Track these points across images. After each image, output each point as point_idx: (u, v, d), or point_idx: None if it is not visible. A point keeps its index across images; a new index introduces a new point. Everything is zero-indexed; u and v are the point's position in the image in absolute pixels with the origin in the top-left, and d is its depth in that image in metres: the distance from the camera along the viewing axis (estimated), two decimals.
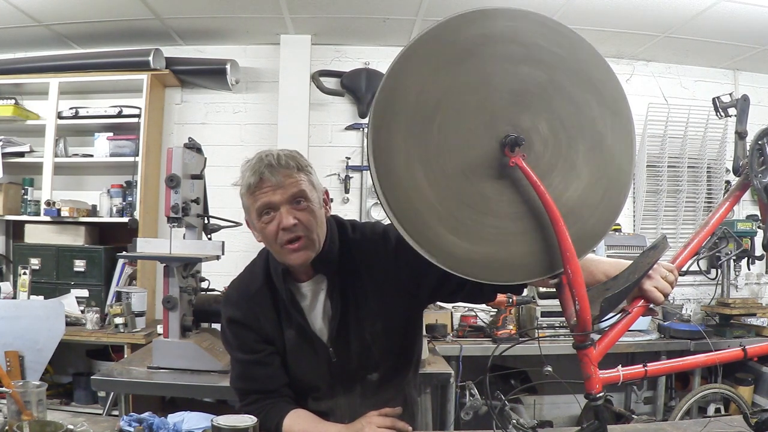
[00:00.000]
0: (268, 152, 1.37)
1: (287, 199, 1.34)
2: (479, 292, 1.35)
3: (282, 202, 1.34)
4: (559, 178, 1.10)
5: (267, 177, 1.32)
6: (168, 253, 2.36)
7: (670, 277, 1.24)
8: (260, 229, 1.38)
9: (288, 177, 1.34)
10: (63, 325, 2.73)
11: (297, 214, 1.34)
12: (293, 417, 1.42)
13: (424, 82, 1.04)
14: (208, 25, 3.69)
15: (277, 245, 1.37)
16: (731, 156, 1.47)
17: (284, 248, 1.36)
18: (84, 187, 3.94)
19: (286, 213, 1.33)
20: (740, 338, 3.42)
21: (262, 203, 1.34)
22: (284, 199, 1.34)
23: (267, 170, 1.32)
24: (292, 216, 1.33)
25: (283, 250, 1.37)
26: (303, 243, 1.36)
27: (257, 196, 1.34)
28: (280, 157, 1.35)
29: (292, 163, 1.35)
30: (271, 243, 1.38)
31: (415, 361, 1.59)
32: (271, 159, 1.34)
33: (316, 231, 1.37)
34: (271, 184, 1.33)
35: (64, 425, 1.30)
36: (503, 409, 1.21)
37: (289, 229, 1.33)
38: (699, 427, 1.52)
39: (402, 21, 3.60)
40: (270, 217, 1.35)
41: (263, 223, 1.36)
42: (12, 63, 3.80)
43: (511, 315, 3.33)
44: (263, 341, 1.48)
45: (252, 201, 1.36)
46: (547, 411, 3.94)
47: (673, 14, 3.37)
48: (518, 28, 1.08)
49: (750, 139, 1.35)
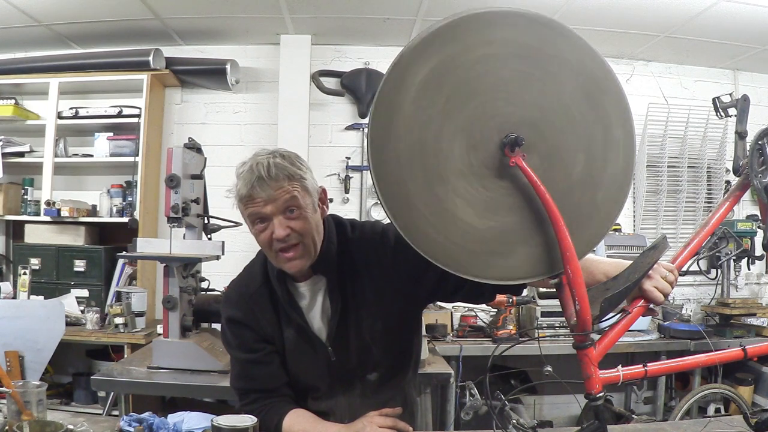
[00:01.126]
0: (259, 160, 1.34)
1: (279, 209, 1.33)
2: (478, 291, 1.35)
3: (274, 213, 1.33)
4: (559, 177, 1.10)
5: (257, 193, 1.32)
6: (168, 253, 2.36)
7: (670, 277, 1.24)
8: (255, 236, 1.38)
9: (278, 189, 1.32)
10: (63, 325, 2.73)
11: (290, 223, 1.34)
12: (293, 417, 1.42)
13: (424, 83, 1.04)
14: (208, 25, 3.69)
15: (272, 252, 1.38)
16: (731, 156, 1.47)
17: (279, 257, 1.37)
18: (84, 187, 3.94)
19: (278, 224, 1.33)
20: (740, 338, 3.43)
21: (252, 213, 1.34)
22: (276, 210, 1.33)
23: (258, 184, 1.31)
24: (284, 227, 1.33)
25: (278, 258, 1.38)
26: (299, 251, 1.36)
27: (249, 206, 1.34)
28: (271, 167, 1.32)
29: (282, 174, 1.33)
30: (267, 250, 1.39)
31: (415, 361, 1.59)
32: (261, 170, 1.31)
33: (311, 236, 1.37)
34: (261, 198, 1.32)
35: (64, 425, 1.30)
36: (503, 409, 1.21)
37: (281, 239, 1.34)
38: (699, 427, 1.52)
39: (402, 21, 3.60)
40: (263, 226, 1.35)
41: (257, 231, 1.36)
42: (12, 63, 3.80)
43: (511, 315, 3.33)
44: (263, 341, 1.48)
45: (244, 210, 1.36)
46: (547, 411, 3.94)
47: (673, 14, 3.37)
48: (518, 29, 1.08)
49: (750, 139, 1.35)
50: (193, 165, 2.41)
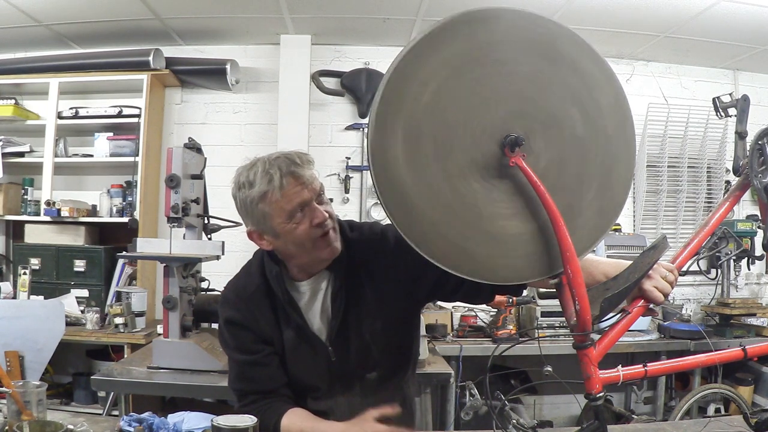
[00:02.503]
0: (278, 155, 1.35)
1: (315, 195, 1.35)
2: (477, 292, 1.35)
3: (312, 199, 1.35)
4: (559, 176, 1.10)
5: (300, 173, 1.32)
6: (168, 253, 2.36)
7: (670, 276, 1.24)
8: (289, 231, 1.34)
9: (311, 174, 1.35)
10: (63, 325, 2.73)
11: (324, 207, 1.36)
12: (290, 416, 1.42)
13: (424, 83, 1.04)
14: (208, 25, 3.69)
15: (309, 243, 1.36)
16: (731, 156, 1.47)
17: (318, 243, 1.36)
18: (84, 187, 3.94)
19: (318, 208, 1.34)
20: (740, 338, 3.43)
21: (298, 202, 1.32)
22: (313, 195, 1.35)
23: (296, 169, 1.32)
24: (323, 210, 1.35)
25: (316, 246, 1.37)
26: (333, 235, 1.38)
27: (290, 196, 1.32)
28: (293, 155, 1.34)
29: (308, 160, 1.36)
30: (304, 242, 1.36)
31: (414, 360, 1.59)
32: (293, 157, 1.33)
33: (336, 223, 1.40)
34: (302, 182, 1.32)
35: (64, 425, 1.30)
36: (503, 409, 1.21)
37: (322, 223, 1.34)
38: (699, 427, 1.53)
39: (402, 21, 3.60)
40: (302, 216, 1.34)
41: (294, 224, 1.34)
42: (12, 63, 3.80)
43: (511, 315, 3.33)
44: (261, 342, 1.47)
45: (284, 203, 1.32)
46: (547, 411, 3.94)
47: (673, 14, 3.37)
48: (518, 29, 1.08)
49: (750, 139, 1.35)
50: (193, 165, 2.41)
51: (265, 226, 1.36)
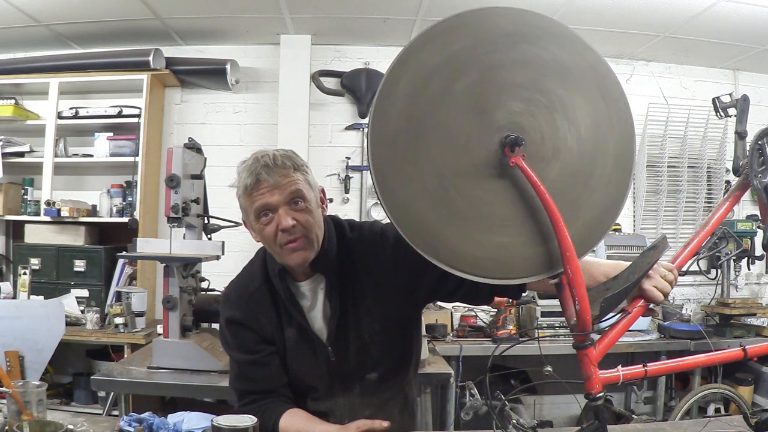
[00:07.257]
0: (263, 152, 1.36)
1: (285, 199, 1.33)
2: (476, 293, 1.35)
3: (280, 203, 1.33)
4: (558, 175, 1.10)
5: (264, 178, 1.32)
6: (168, 253, 2.36)
7: (669, 276, 1.24)
8: (259, 231, 1.37)
9: (285, 177, 1.33)
10: (63, 325, 2.73)
11: (295, 214, 1.34)
12: (288, 417, 1.42)
13: (424, 82, 1.04)
14: (208, 25, 3.69)
15: (276, 246, 1.37)
16: (731, 156, 1.47)
17: (284, 249, 1.36)
18: (84, 187, 3.94)
19: (284, 214, 1.33)
20: (740, 338, 3.42)
21: (260, 204, 1.34)
22: (282, 200, 1.33)
23: (264, 171, 1.32)
24: (290, 217, 1.33)
25: (282, 251, 1.37)
26: (301, 243, 1.35)
27: (255, 197, 1.34)
28: (276, 157, 1.34)
29: (288, 163, 1.35)
30: (270, 244, 1.38)
31: (415, 361, 1.58)
32: (267, 159, 1.33)
33: (314, 231, 1.37)
34: (268, 185, 1.32)
35: (64, 425, 1.30)
36: (503, 409, 1.21)
37: (288, 230, 1.33)
38: (699, 427, 1.52)
39: (402, 21, 3.60)
40: (268, 219, 1.34)
41: (262, 225, 1.35)
42: (12, 63, 3.80)
43: (511, 315, 3.33)
44: (263, 341, 1.47)
45: (249, 202, 1.35)
46: (547, 411, 3.94)
47: (673, 14, 3.37)
48: (518, 29, 1.08)
49: (750, 139, 1.35)
50: (193, 165, 2.42)
51: (247, 219, 1.41)
